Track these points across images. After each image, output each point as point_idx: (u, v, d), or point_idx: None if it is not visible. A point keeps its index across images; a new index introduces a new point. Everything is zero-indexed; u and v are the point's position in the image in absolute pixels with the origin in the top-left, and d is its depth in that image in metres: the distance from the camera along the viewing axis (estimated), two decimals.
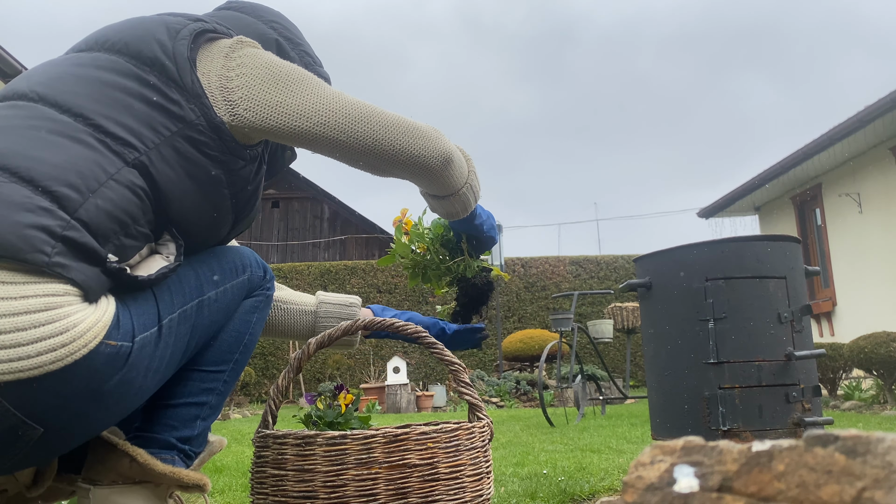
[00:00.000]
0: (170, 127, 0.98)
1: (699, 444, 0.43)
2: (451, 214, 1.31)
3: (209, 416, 1.13)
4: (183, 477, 1.05)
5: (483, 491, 1.13)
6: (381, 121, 1.08)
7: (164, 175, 0.97)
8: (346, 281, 11.63)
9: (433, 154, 1.13)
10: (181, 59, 1.01)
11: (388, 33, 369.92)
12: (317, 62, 1.34)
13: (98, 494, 1.01)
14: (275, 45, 1.25)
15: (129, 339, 0.90)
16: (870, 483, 0.36)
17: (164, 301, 0.99)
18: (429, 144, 1.12)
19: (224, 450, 3.49)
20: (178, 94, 0.99)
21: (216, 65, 1.04)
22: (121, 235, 0.92)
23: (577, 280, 11.81)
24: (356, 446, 1.03)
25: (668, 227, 42.26)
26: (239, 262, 1.15)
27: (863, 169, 8.35)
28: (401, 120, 1.11)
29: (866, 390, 6.46)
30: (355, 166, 1.13)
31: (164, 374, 1.02)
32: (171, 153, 0.98)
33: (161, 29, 1.05)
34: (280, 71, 1.07)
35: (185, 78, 1.00)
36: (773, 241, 2.08)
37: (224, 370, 1.14)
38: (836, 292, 8.87)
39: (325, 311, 1.41)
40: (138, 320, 0.93)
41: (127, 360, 0.90)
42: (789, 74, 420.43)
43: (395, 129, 1.09)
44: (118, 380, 0.89)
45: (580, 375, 5.55)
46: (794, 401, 1.97)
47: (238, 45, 1.08)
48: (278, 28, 1.29)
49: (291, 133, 1.05)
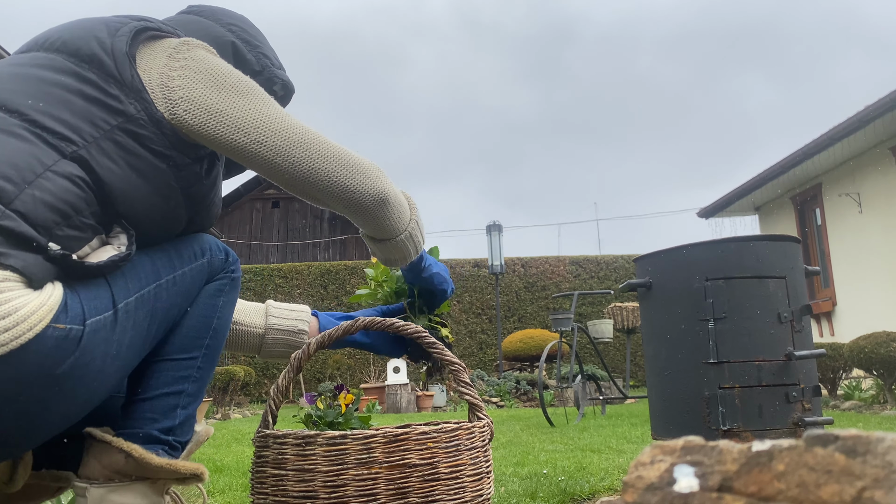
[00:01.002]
0: (109, 121, 0.99)
1: (699, 443, 0.43)
2: (390, 261, 1.28)
3: (189, 404, 1.13)
4: (179, 468, 1.05)
5: (483, 491, 1.13)
6: (320, 150, 1.07)
7: (105, 168, 0.97)
8: (346, 281, 11.63)
9: (368, 191, 1.11)
10: (119, 55, 1.01)
11: (387, 32, 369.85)
12: (276, 64, 1.33)
13: (94, 494, 1.01)
14: (230, 48, 1.25)
15: (79, 323, 0.91)
16: (870, 483, 0.36)
17: (118, 286, 0.99)
18: (365, 181, 1.10)
19: (224, 449, 3.49)
20: (117, 90, 1.00)
21: (158, 62, 1.04)
22: (63, 226, 0.92)
23: (577, 280, 11.81)
24: (356, 446, 1.03)
25: (668, 227, 42.28)
26: (197, 247, 1.15)
27: (863, 169, 8.35)
28: (341, 152, 1.10)
29: (866, 390, 6.47)
30: (289, 191, 1.12)
31: (127, 359, 1.02)
32: (112, 146, 0.98)
33: (101, 27, 1.05)
34: (226, 79, 1.05)
35: (123, 73, 1.00)
36: (772, 241, 2.08)
37: (196, 356, 1.14)
38: (836, 292, 8.87)
39: (272, 339, 1.38)
40: (89, 304, 0.94)
41: (79, 344, 0.90)
42: (789, 74, 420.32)
43: (333, 161, 1.08)
44: (72, 363, 0.90)
45: (580, 375, 5.55)
46: (794, 400, 1.97)
47: (184, 47, 1.07)
48: (236, 30, 1.28)
49: (227, 145, 1.04)
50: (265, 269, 11.77)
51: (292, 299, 11.37)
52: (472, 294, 11.69)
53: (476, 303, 11.65)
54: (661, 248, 2.21)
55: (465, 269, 11.83)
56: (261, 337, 1.38)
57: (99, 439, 1.03)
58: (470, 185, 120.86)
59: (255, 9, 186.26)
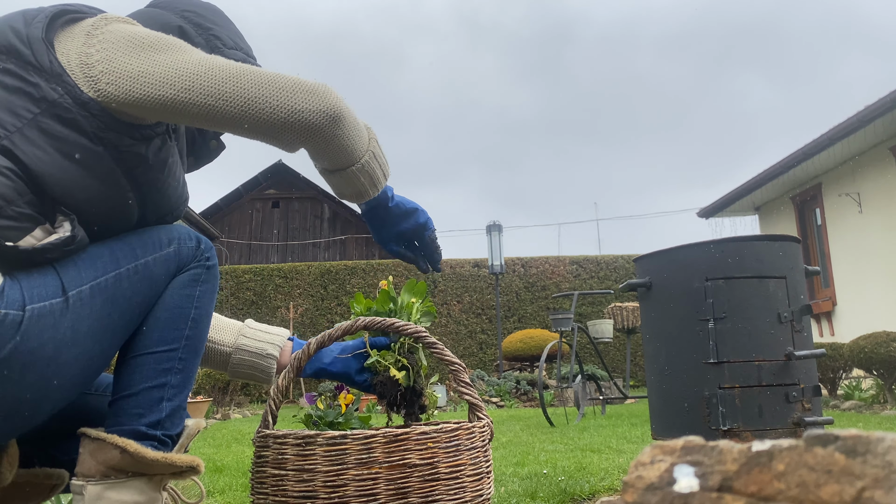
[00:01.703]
0: (31, 109, 0.99)
1: (699, 443, 0.43)
2: (359, 194, 1.17)
3: (175, 396, 1.12)
4: (175, 461, 1.05)
5: (483, 491, 1.13)
6: (253, 78, 1.02)
7: (32, 156, 0.97)
8: (346, 281, 11.63)
9: (318, 108, 1.03)
10: (35, 42, 1.01)
11: (386, 32, 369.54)
12: (228, 45, 1.28)
13: (91, 491, 1.01)
14: (177, 31, 1.22)
15: (17, 308, 0.91)
16: (870, 483, 0.36)
17: (69, 275, 0.99)
18: (312, 98, 1.03)
19: (224, 449, 3.49)
20: (37, 77, 1.00)
21: (76, 42, 1.03)
22: None
23: (577, 280, 11.81)
24: (356, 446, 1.03)
25: (668, 227, 42.27)
26: (164, 237, 1.14)
27: (863, 169, 8.35)
28: (279, 76, 1.04)
29: (866, 390, 6.47)
30: (243, 135, 1.07)
31: (88, 348, 1.02)
32: (37, 134, 0.98)
33: (18, 17, 1.06)
34: (142, 41, 1.02)
35: (41, 60, 1.00)
36: (773, 241, 2.08)
37: (176, 347, 1.12)
38: (836, 292, 8.88)
39: (238, 359, 1.35)
40: (31, 291, 0.94)
41: (19, 328, 0.91)
42: (789, 73, 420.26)
43: (271, 86, 1.02)
44: (13, 348, 0.90)
45: (580, 375, 5.55)
46: (794, 400, 1.97)
47: (102, 22, 1.05)
48: (189, 16, 1.26)
49: (156, 104, 1.01)
50: (265, 269, 11.77)
51: (292, 299, 11.37)
52: (472, 294, 11.69)
53: (476, 303, 11.65)
54: (661, 248, 2.21)
55: (465, 269, 11.83)
56: (227, 355, 1.35)
57: (93, 437, 1.03)
58: (470, 185, 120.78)
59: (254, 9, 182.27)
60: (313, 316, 11.38)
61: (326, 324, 11.25)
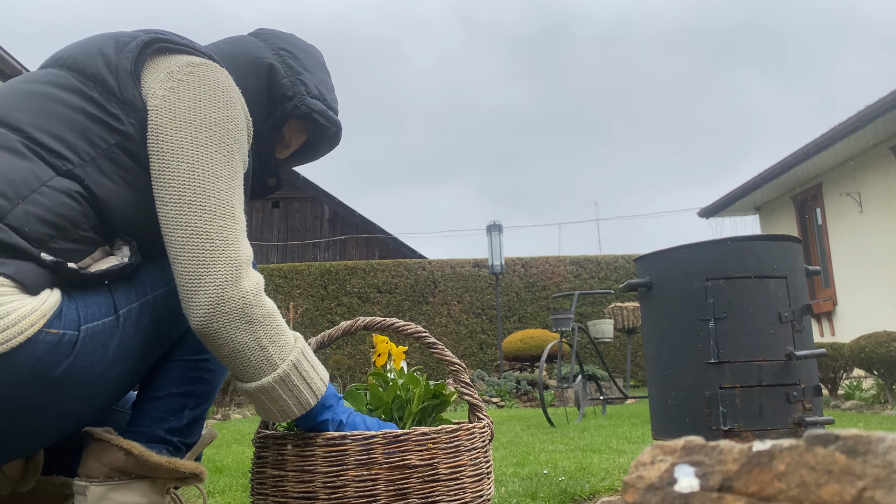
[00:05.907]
0: (107, 139, 1.00)
1: (700, 443, 0.43)
2: (267, 414, 1.05)
3: (198, 406, 1.14)
4: (179, 466, 1.05)
5: (483, 491, 1.13)
6: (215, 210, 0.98)
7: (100, 185, 0.99)
8: (346, 281, 11.63)
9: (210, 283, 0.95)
10: (123, 74, 1.03)
11: (382, 29, 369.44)
12: (312, 94, 1.25)
13: (94, 492, 1.01)
14: (267, 70, 1.21)
15: (73, 328, 0.93)
16: (870, 483, 0.36)
17: (120, 293, 1.01)
18: (215, 267, 0.96)
19: (224, 450, 3.49)
20: (118, 109, 1.01)
21: (159, 78, 1.05)
22: (60, 239, 0.95)
23: (578, 280, 11.81)
24: (356, 447, 1.03)
25: (668, 227, 42.26)
26: None
27: (863, 168, 8.35)
28: (227, 218, 0.99)
29: (867, 390, 6.46)
30: None
31: (135, 364, 1.03)
32: (109, 164, 1.00)
33: (110, 43, 1.07)
34: (203, 119, 1.01)
35: (126, 92, 1.02)
36: (773, 241, 2.07)
37: (208, 358, 1.14)
38: (836, 292, 8.87)
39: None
40: (85, 311, 0.95)
41: (74, 348, 0.92)
42: (788, 72, 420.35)
43: (218, 218, 0.99)
44: (67, 368, 0.91)
45: (580, 375, 5.54)
46: (795, 400, 1.97)
47: (187, 67, 1.05)
48: (283, 55, 1.25)
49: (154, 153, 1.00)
50: (265, 269, 11.77)
51: (292, 299, 11.37)
52: (472, 294, 11.69)
53: (476, 303, 11.65)
54: (662, 248, 2.21)
55: (465, 269, 11.83)
56: None
57: (98, 438, 1.04)
58: (469, 185, 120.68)
59: (249, 6, 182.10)
60: (313, 316, 11.38)
61: (326, 324, 11.25)
